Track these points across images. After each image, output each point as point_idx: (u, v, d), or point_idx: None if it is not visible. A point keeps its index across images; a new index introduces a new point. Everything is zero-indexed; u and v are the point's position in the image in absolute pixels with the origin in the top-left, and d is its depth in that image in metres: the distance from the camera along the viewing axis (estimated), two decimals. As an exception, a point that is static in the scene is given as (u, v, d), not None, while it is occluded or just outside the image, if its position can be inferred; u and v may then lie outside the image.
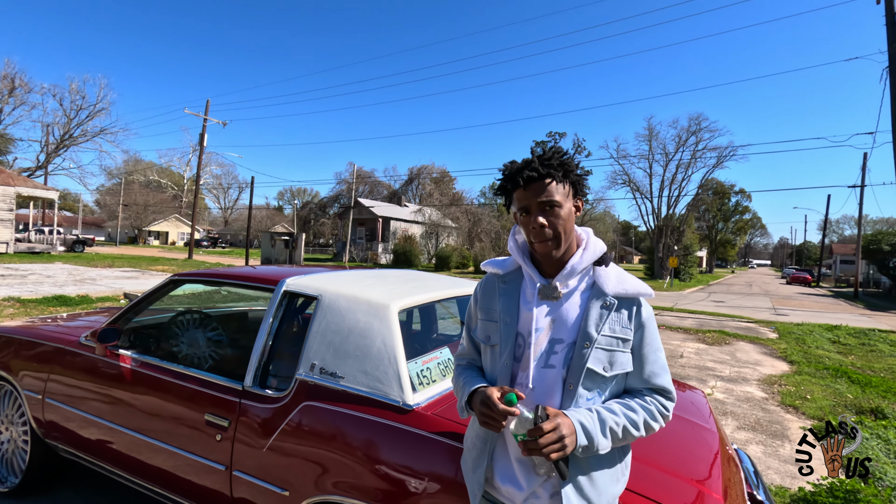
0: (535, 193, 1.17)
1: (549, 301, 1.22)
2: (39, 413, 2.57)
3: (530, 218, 1.18)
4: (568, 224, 1.20)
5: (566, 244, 1.21)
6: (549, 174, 1.17)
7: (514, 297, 1.26)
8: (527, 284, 1.26)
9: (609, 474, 1.19)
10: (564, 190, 1.19)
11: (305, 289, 2.04)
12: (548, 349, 1.19)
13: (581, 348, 1.16)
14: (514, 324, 1.23)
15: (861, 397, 5.59)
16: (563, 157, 1.20)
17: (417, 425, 1.60)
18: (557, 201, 1.17)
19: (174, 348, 2.57)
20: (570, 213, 1.20)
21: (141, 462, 2.20)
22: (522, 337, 1.22)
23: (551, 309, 1.21)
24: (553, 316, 1.20)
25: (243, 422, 1.88)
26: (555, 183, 1.18)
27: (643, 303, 1.24)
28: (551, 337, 1.19)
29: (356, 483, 1.62)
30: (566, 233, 1.20)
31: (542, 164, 1.18)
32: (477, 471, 1.24)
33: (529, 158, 1.21)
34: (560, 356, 1.18)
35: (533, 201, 1.18)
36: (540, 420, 1.06)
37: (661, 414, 1.21)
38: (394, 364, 1.71)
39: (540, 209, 1.18)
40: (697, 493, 1.41)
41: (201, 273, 2.42)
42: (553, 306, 1.21)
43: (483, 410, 1.12)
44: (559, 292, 1.21)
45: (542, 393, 1.18)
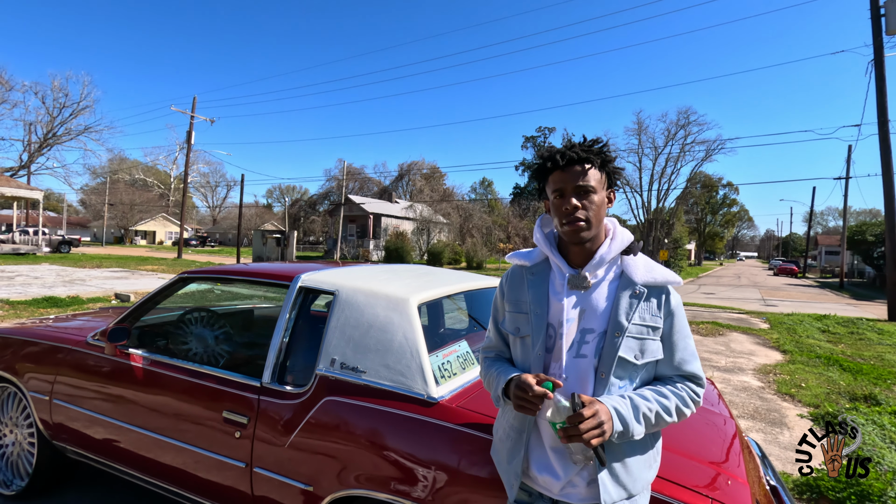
0: (573, 177, 1.18)
1: (578, 291, 1.22)
2: (47, 415, 2.53)
3: (564, 200, 1.19)
4: (600, 212, 1.21)
5: (596, 231, 1.21)
6: (589, 159, 1.18)
7: (543, 288, 1.27)
8: (555, 275, 1.27)
9: (642, 460, 1.21)
10: (600, 178, 1.21)
11: (322, 284, 2.03)
12: (579, 339, 1.20)
13: (612, 337, 1.17)
14: (545, 315, 1.24)
15: (854, 384, 5.71)
16: (603, 147, 1.22)
17: (443, 417, 1.61)
18: (593, 187, 1.18)
19: (184, 346, 2.54)
20: (603, 202, 1.21)
21: (155, 461, 2.18)
22: (553, 328, 1.22)
23: (581, 299, 1.22)
24: (583, 306, 1.21)
25: (263, 418, 1.87)
26: (593, 169, 1.19)
27: (671, 291, 1.25)
28: (582, 327, 1.20)
29: (382, 477, 1.62)
30: (598, 220, 1.20)
31: (582, 148, 1.19)
32: (513, 461, 1.25)
33: (571, 142, 1.22)
34: (591, 346, 1.19)
35: (569, 184, 1.18)
36: (578, 407, 1.07)
37: (693, 400, 1.23)
38: (416, 357, 1.72)
39: (575, 192, 1.19)
40: (724, 477, 1.44)
41: (213, 270, 2.40)
42: (582, 296, 1.22)
43: (519, 394, 1.13)
44: (588, 282, 1.22)
45: (574, 382, 1.19)
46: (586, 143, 1.22)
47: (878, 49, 12.43)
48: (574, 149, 1.19)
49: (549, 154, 1.22)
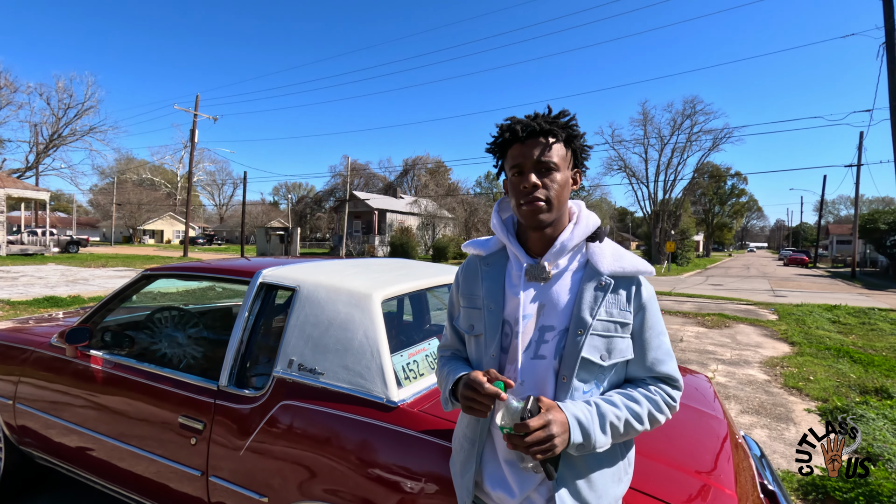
0: (533, 151, 1.05)
1: (536, 283, 1.09)
2: (11, 419, 2.44)
3: (522, 178, 1.05)
4: (563, 193, 1.07)
5: (557, 213, 1.08)
6: (553, 132, 1.05)
7: (498, 281, 1.14)
8: (512, 266, 1.14)
9: (610, 474, 1.07)
10: (565, 155, 1.08)
11: (282, 280, 1.91)
12: (537, 338, 1.06)
13: (574, 335, 1.03)
14: (500, 310, 1.11)
15: (864, 377, 5.51)
16: (570, 121, 1.08)
17: (402, 423, 1.48)
18: (556, 164, 1.05)
19: (150, 347, 2.43)
20: (566, 181, 1.08)
21: (117, 468, 2.08)
22: (509, 325, 1.09)
23: (540, 292, 1.08)
24: (542, 300, 1.08)
25: (219, 423, 1.75)
26: (557, 144, 1.06)
27: (643, 282, 1.11)
28: (541, 324, 1.07)
29: (339, 487, 1.50)
30: (559, 202, 1.07)
31: (546, 121, 1.06)
32: (465, 475, 1.12)
33: (534, 114, 1.08)
34: (551, 345, 1.05)
35: (529, 160, 1.05)
36: (529, 415, 0.93)
37: (668, 405, 1.09)
38: (377, 358, 1.59)
39: (535, 169, 1.05)
40: (708, 488, 1.29)
41: (174, 267, 2.28)
42: (542, 289, 1.09)
43: (467, 394, 0.99)
44: (548, 273, 1.08)
45: (532, 387, 1.05)
46: (551, 115, 1.08)
47: (889, 31, 12.04)
48: (537, 119, 1.06)
49: (508, 125, 1.08)
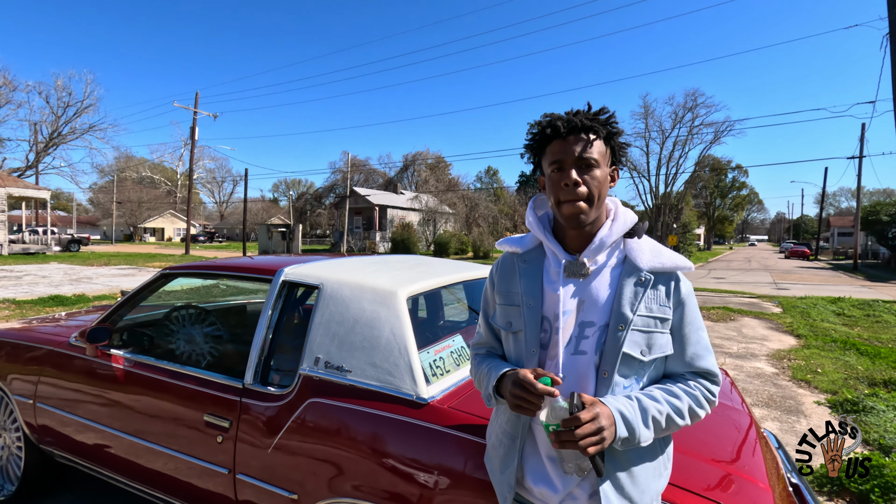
0: (574, 147, 1.04)
1: (575, 279, 1.09)
2: (31, 418, 2.45)
3: (563, 174, 1.05)
4: (603, 189, 1.07)
5: (597, 211, 1.08)
6: (594, 129, 1.05)
7: (536, 278, 1.13)
8: (550, 262, 1.14)
9: (651, 468, 1.08)
10: (605, 152, 1.08)
11: (305, 278, 1.91)
12: (577, 333, 1.07)
13: (615, 331, 1.04)
14: (539, 307, 1.11)
15: (872, 369, 5.52)
16: (610, 118, 1.08)
17: (433, 420, 1.48)
18: (596, 160, 1.05)
19: (169, 346, 2.44)
20: (605, 178, 1.08)
21: (140, 466, 2.09)
22: (548, 321, 1.09)
23: (579, 288, 1.09)
24: (581, 296, 1.08)
25: (245, 421, 1.76)
26: (598, 141, 1.06)
27: (682, 277, 1.11)
28: (581, 320, 1.07)
29: (369, 484, 1.51)
30: (600, 199, 1.07)
31: (587, 116, 1.06)
32: (506, 471, 1.12)
33: (573, 110, 1.08)
34: (591, 341, 1.06)
35: (570, 156, 1.05)
36: (576, 409, 0.94)
37: (707, 400, 1.09)
38: (405, 355, 1.59)
39: (576, 165, 1.05)
40: (742, 481, 1.30)
41: (194, 266, 2.28)
42: (581, 285, 1.09)
43: (517, 392, 0.99)
44: (587, 269, 1.08)
45: (573, 382, 1.06)
46: (591, 110, 1.08)
47: (893, 22, 11.95)
48: (578, 116, 1.06)
49: (549, 121, 1.08)
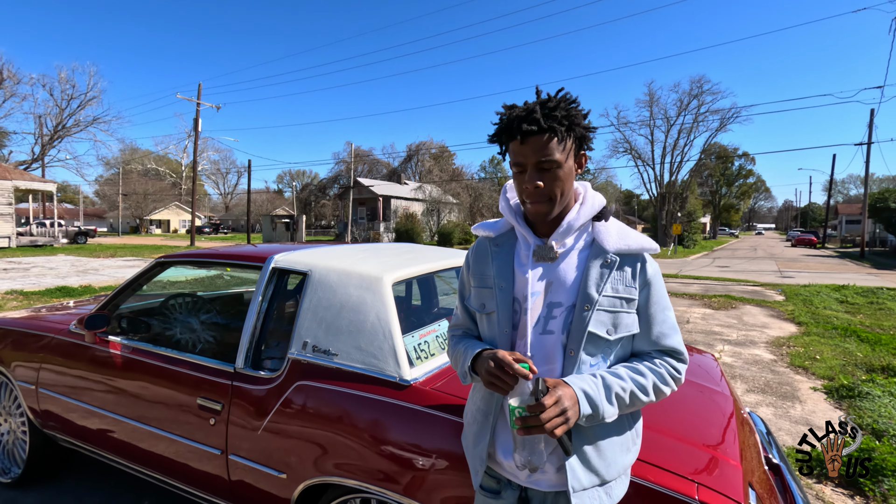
0: (534, 150, 1.04)
1: (544, 262, 1.12)
2: (34, 403, 2.52)
3: (524, 178, 1.07)
4: (567, 184, 1.09)
5: (562, 204, 1.10)
6: (552, 128, 1.02)
7: (507, 261, 1.17)
8: (521, 246, 1.17)
9: (618, 443, 1.11)
10: (567, 146, 1.06)
11: (295, 264, 1.95)
12: (545, 314, 1.10)
13: (581, 311, 1.07)
14: (510, 289, 1.14)
15: (871, 355, 5.53)
16: (570, 107, 1.05)
17: (415, 401, 1.52)
18: (557, 160, 1.04)
19: (166, 332, 2.49)
20: (570, 171, 1.09)
21: (138, 449, 2.15)
22: (518, 302, 1.12)
23: (547, 271, 1.12)
24: (550, 278, 1.11)
25: (236, 404, 1.81)
26: (556, 140, 1.03)
27: (648, 258, 1.14)
28: (549, 300, 1.10)
29: (354, 463, 1.55)
30: (563, 194, 1.09)
31: (544, 115, 1.03)
32: (478, 446, 1.16)
33: (531, 106, 1.04)
34: (559, 321, 1.09)
35: (530, 159, 1.05)
36: (541, 394, 0.96)
37: (673, 377, 1.12)
38: (389, 338, 1.63)
39: (537, 168, 1.05)
40: (714, 459, 1.33)
41: (188, 254, 2.33)
42: (549, 268, 1.12)
43: (493, 370, 1.02)
44: (555, 252, 1.11)
45: (541, 361, 1.09)
46: (549, 104, 1.04)
47: (902, 4, 11.76)
48: (534, 115, 1.02)
49: (505, 124, 1.06)
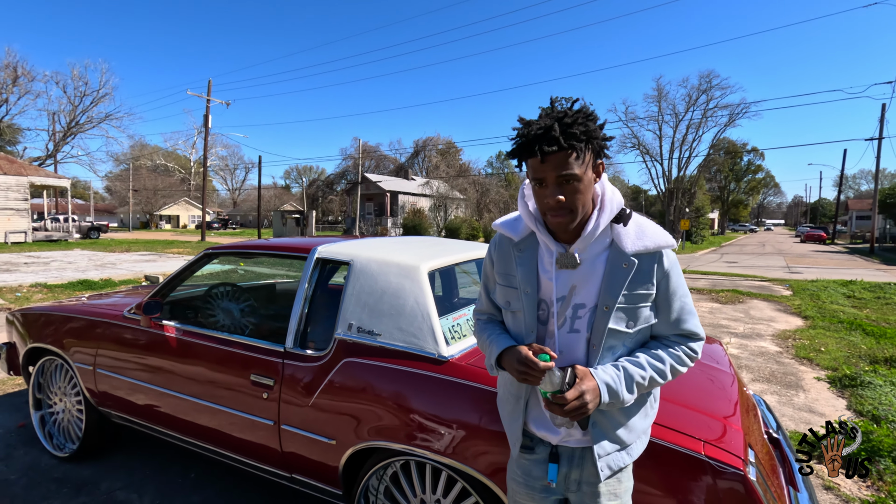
0: (553, 167, 1.07)
1: (567, 268, 1.19)
2: (92, 383, 2.74)
3: (546, 191, 1.11)
4: (586, 196, 1.13)
5: (582, 213, 1.15)
6: (572, 146, 1.06)
7: (531, 266, 1.24)
8: (543, 252, 1.23)
9: (638, 411, 1.26)
10: (586, 159, 1.09)
11: (337, 255, 2.14)
12: (571, 314, 1.20)
13: (603, 311, 1.16)
14: (535, 293, 1.23)
15: (875, 348, 5.66)
16: (588, 122, 1.08)
17: (453, 374, 1.72)
18: (577, 175, 1.08)
19: (212, 318, 2.70)
20: (589, 182, 1.13)
21: (192, 423, 2.37)
22: (545, 303, 1.22)
23: (571, 276, 1.19)
24: (573, 282, 1.19)
25: (288, 379, 2.01)
26: (575, 155, 1.07)
27: (665, 253, 1.20)
28: (574, 303, 1.19)
29: (399, 428, 1.76)
30: (583, 206, 1.13)
31: (563, 132, 1.05)
32: (514, 424, 1.31)
33: (549, 122, 1.07)
34: (584, 321, 1.19)
35: (550, 175, 1.08)
36: (567, 387, 1.10)
37: (689, 356, 1.23)
38: (427, 320, 1.82)
39: (557, 183, 1.09)
40: (718, 424, 1.52)
41: (235, 245, 2.53)
42: (572, 273, 1.19)
43: (521, 368, 1.13)
44: (577, 260, 1.17)
45: (568, 354, 1.22)
46: (567, 121, 1.06)
47: (913, -1, 11.72)
48: (552, 134, 1.05)
49: (525, 141, 1.09)
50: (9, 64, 36.39)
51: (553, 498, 1.29)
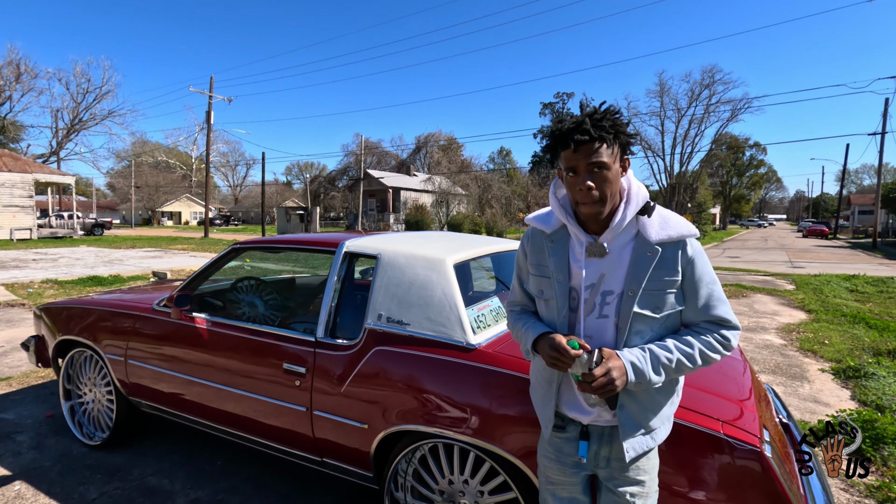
0: (585, 156, 1.18)
1: (596, 257, 1.27)
2: (123, 374, 2.84)
3: (577, 179, 1.20)
4: (615, 186, 1.22)
5: (611, 203, 1.24)
6: (601, 137, 1.16)
7: (563, 256, 1.33)
8: (574, 243, 1.32)
9: (662, 397, 1.33)
10: (614, 152, 1.20)
11: (365, 249, 2.24)
12: (600, 301, 1.28)
13: (629, 297, 1.24)
14: (567, 281, 1.31)
15: (878, 340, 5.75)
16: (616, 118, 1.20)
17: (481, 361, 1.81)
18: (606, 163, 1.18)
19: (238, 310, 2.80)
20: (617, 174, 1.22)
21: (222, 410, 2.46)
22: (576, 291, 1.30)
23: (600, 264, 1.28)
24: (602, 270, 1.27)
25: (320, 367, 2.11)
26: (605, 146, 1.18)
27: (688, 242, 1.26)
28: (603, 290, 1.27)
29: (428, 413, 1.85)
30: (612, 194, 1.22)
31: (593, 125, 1.17)
32: (546, 407, 1.40)
33: (580, 117, 1.19)
34: (612, 306, 1.27)
35: (582, 163, 1.18)
36: (595, 364, 1.18)
37: (721, 344, 1.26)
38: (455, 310, 1.91)
39: (588, 171, 1.19)
40: (734, 406, 1.61)
41: (261, 240, 2.62)
42: (601, 262, 1.27)
43: (553, 354, 1.22)
44: (606, 250, 1.26)
45: (597, 339, 1.30)
46: (597, 116, 1.19)
47: (917, -6, 11.73)
48: (584, 126, 1.17)
49: (559, 133, 1.20)
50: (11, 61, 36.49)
51: (583, 474, 1.38)
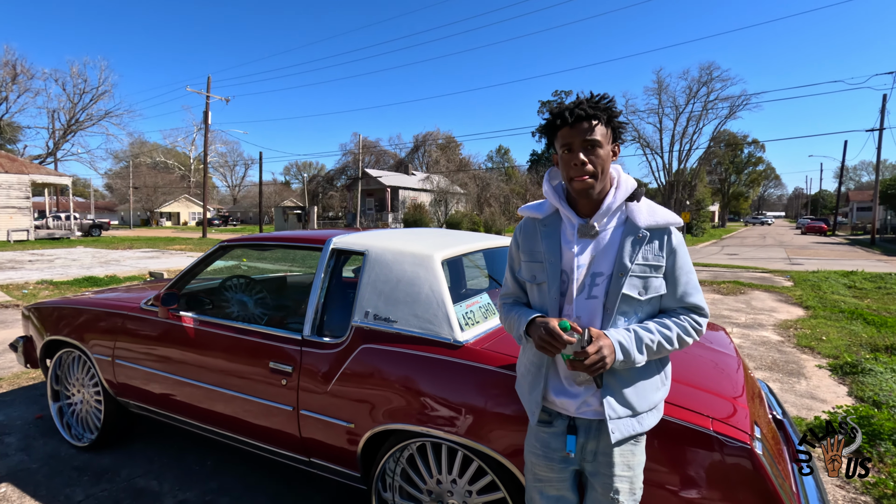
0: (581, 132, 1.27)
1: (587, 239, 1.34)
2: (110, 374, 2.80)
3: (573, 155, 1.28)
4: (606, 164, 1.31)
5: (602, 183, 1.32)
6: (596, 116, 1.27)
7: (555, 239, 1.38)
8: (566, 226, 1.38)
9: (648, 383, 1.35)
10: (606, 133, 1.29)
11: (352, 245, 2.20)
12: (590, 282, 1.32)
13: (618, 278, 1.29)
14: (558, 263, 1.36)
15: (876, 336, 5.72)
16: (609, 103, 1.30)
17: (468, 358, 1.78)
18: (599, 141, 1.27)
19: (227, 309, 2.76)
20: (608, 155, 1.31)
21: (210, 410, 2.43)
22: (566, 274, 1.35)
23: (590, 246, 1.33)
24: (592, 252, 1.33)
25: (306, 366, 2.08)
26: (600, 125, 1.28)
27: (673, 231, 1.35)
28: (592, 271, 1.32)
29: (415, 411, 1.82)
30: (604, 172, 1.31)
31: (589, 105, 1.27)
32: (534, 392, 1.41)
33: (578, 100, 1.30)
34: (601, 287, 1.32)
35: (577, 139, 1.27)
36: (586, 343, 1.23)
37: (695, 329, 1.34)
38: (442, 307, 1.88)
39: (583, 147, 1.28)
40: (725, 402, 1.58)
41: (250, 238, 2.59)
42: (591, 243, 1.33)
43: (545, 337, 1.25)
44: (596, 230, 1.33)
45: (586, 319, 1.33)
46: (593, 98, 1.30)
47: (915, -11, 11.70)
48: (581, 105, 1.27)
49: (557, 111, 1.31)
50: (8, 62, 36.36)
51: (571, 468, 1.37)
